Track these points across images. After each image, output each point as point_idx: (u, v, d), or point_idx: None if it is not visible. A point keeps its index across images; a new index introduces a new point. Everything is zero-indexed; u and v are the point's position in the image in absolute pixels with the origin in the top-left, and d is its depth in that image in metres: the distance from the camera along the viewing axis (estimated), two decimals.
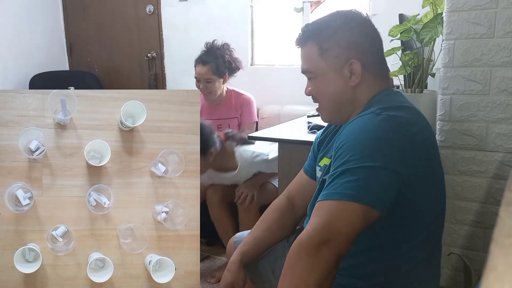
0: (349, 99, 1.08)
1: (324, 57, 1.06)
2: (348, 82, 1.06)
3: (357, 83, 1.06)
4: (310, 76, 1.11)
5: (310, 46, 1.08)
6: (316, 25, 1.10)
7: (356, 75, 1.05)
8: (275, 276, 1.21)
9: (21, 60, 3.44)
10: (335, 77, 1.07)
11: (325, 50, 1.06)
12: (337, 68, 1.06)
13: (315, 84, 1.11)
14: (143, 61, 3.48)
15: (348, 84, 1.06)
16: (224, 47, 2.52)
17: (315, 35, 1.08)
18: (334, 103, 1.10)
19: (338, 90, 1.07)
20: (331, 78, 1.07)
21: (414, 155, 0.96)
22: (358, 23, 1.08)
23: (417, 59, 1.50)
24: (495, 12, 1.28)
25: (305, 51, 1.10)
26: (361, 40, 1.07)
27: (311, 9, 2.86)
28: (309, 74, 1.11)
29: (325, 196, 0.93)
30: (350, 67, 1.05)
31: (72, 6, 3.70)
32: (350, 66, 1.05)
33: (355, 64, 1.04)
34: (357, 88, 1.07)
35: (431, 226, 1.06)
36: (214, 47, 2.51)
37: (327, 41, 1.06)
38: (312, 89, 1.12)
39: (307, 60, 1.10)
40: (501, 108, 1.32)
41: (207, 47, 2.53)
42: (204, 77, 2.45)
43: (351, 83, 1.06)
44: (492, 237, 0.46)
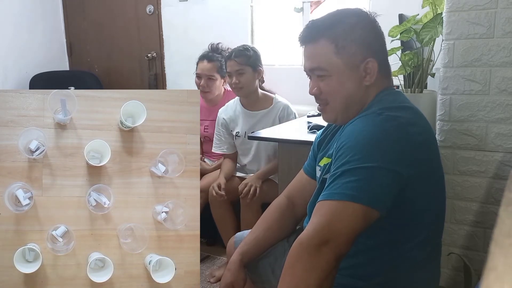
0: (360, 98, 1.06)
1: (340, 55, 1.03)
2: (362, 81, 1.04)
3: (371, 83, 1.04)
4: (322, 74, 1.06)
5: (324, 43, 1.04)
6: (328, 22, 1.06)
7: (371, 74, 1.04)
8: (275, 276, 1.21)
9: (21, 60, 3.44)
10: (351, 75, 1.04)
11: (341, 48, 1.03)
12: (353, 66, 1.04)
13: (328, 83, 1.06)
14: (143, 61, 3.48)
15: (362, 83, 1.05)
16: (228, 50, 2.56)
17: (330, 32, 1.04)
18: (345, 103, 1.06)
19: (352, 89, 1.05)
20: (346, 77, 1.04)
21: (414, 155, 0.96)
22: (369, 21, 1.07)
23: (417, 59, 1.50)
24: (495, 12, 1.28)
25: (317, 48, 1.05)
26: (375, 38, 1.06)
27: (311, 9, 2.86)
28: (321, 71, 1.06)
29: (325, 196, 0.93)
30: (366, 65, 1.03)
31: (72, 6, 3.69)
32: (366, 65, 1.03)
33: (372, 62, 1.03)
34: (369, 87, 1.05)
35: (431, 226, 1.06)
36: (219, 49, 2.57)
37: (343, 39, 1.03)
38: (324, 88, 1.06)
39: (320, 57, 1.05)
40: (501, 108, 1.32)
41: (212, 48, 2.56)
42: (207, 73, 2.46)
43: (366, 82, 1.04)
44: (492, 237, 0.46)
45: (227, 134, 2.36)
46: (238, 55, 2.22)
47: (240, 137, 2.32)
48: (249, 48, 2.26)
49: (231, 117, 2.34)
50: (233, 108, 2.35)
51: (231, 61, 2.23)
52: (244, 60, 2.21)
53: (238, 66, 2.21)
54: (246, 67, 2.21)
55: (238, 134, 2.33)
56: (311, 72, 1.09)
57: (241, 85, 2.22)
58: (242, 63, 2.21)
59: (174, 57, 3.38)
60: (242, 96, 2.30)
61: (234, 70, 2.22)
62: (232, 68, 2.22)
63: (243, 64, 2.21)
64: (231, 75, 2.23)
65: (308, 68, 1.09)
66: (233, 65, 2.22)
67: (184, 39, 3.26)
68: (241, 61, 2.20)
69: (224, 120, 2.35)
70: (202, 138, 2.60)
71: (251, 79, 2.24)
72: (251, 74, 2.23)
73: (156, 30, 3.39)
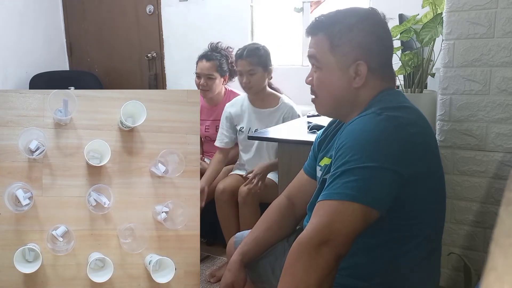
0: (350, 100, 1.07)
1: (334, 53, 1.05)
2: (352, 82, 1.05)
3: (360, 85, 1.05)
4: (315, 64, 1.10)
5: (321, 38, 1.07)
6: (330, 19, 1.08)
7: (360, 77, 1.05)
8: (275, 276, 1.21)
9: (21, 60, 3.44)
10: (341, 75, 1.06)
11: (335, 46, 1.05)
12: (344, 66, 1.05)
13: (319, 75, 1.09)
14: (143, 61, 3.49)
15: (351, 85, 1.06)
16: (228, 49, 2.58)
17: (328, 29, 1.06)
18: (334, 101, 1.09)
19: (340, 88, 1.06)
20: (336, 75, 1.06)
21: (414, 155, 0.96)
22: (371, 23, 1.07)
23: (417, 59, 1.50)
24: (495, 12, 1.28)
25: (316, 40, 1.09)
26: (372, 41, 1.06)
27: (311, 9, 2.86)
28: (315, 61, 1.09)
29: (325, 196, 0.93)
30: (356, 68, 1.04)
31: (72, 6, 3.70)
32: (357, 67, 1.04)
33: (362, 65, 1.04)
34: (360, 89, 1.06)
35: (431, 226, 1.06)
36: (218, 48, 2.57)
37: (339, 38, 1.05)
38: (315, 79, 1.10)
39: (317, 48, 1.08)
40: (501, 108, 1.32)
41: (212, 47, 2.56)
42: (206, 72, 2.46)
43: (355, 85, 1.05)
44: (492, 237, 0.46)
45: (230, 128, 2.36)
46: (250, 54, 2.19)
47: (243, 133, 2.33)
48: (260, 48, 2.24)
49: (237, 111, 2.35)
50: (240, 103, 2.36)
51: (242, 61, 2.20)
52: (255, 60, 2.19)
53: (250, 66, 2.18)
54: (257, 67, 2.19)
55: (242, 129, 2.33)
56: (309, 60, 1.13)
57: (252, 85, 2.22)
58: (253, 63, 2.18)
59: (174, 57, 3.38)
60: (251, 94, 2.30)
61: (245, 70, 2.19)
62: (244, 68, 2.20)
63: (255, 64, 2.19)
64: (242, 74, 2.21)
65: (308, 54, 1.13)
66: (245, 64, 2.19)
67: (184, 39, 3.26)
68: (252, 61, 2.18)
69: (230, 114, 2.36)
70: (202, 138, 2.60)
71: (261, 78, 2.23)
72: (261, 73, 2.22)
73: (156, 30, 3.39)
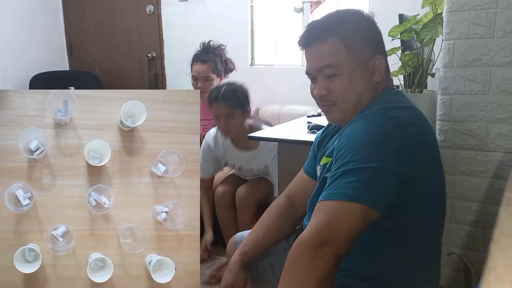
0: (372, 96, 1.06)
1: (351, 53, 1.03)
2: (372, 78, 1.05)
3: (380, 79, 1.05)
4: (332, 73, 1.04)
5: (333, 42, 1.03)
6: (334, 21, 1.07)
7: (379, 71, 1.05)
8: (275, 276, 1.21)
9: (21, 60, 3.44)
10: (361, 74, 1.04)
11: (351, 46, 1.03)
12: (363, 64, 1.04)
13: (339, 82, 1.04)
14: (143, 61, 3.48)
15: (372, 80, 1.05)
16: (220, 47, 2.55)
17: (338, 31, 1.04)
18: (356, 102, 1.05)
19: (363, 87, 1.05)
20: (358, 74, 1.04)
21: (414, 155, 0.96)
22: (369, 19, 1.09)
23: (417, 59, 1.50)
24: (495, 12, 1.28)
25: (325, 47, 1.04)
26: (378, 36, 1.08)
27: (311, 9, 2.86)
28: (331, 70, 1.03)
29: (325, 197, 0.93)
30: (374, 63, 1.04)
31: (72, 6, 3.69)
32: (374, 62, 1.04)
33: (380, 59, 1.04)
34: (379, 84, 1.06)
35: (431, 226, 1.06)
36: (211, 47, 2.53)
37: (352, 37, 1.03)
38: (334, 87, 1.04)
39: (330, 56, 1.03)
40: (501, 108, 1.32)
41: (203, 46, 2.54)
42: (203, 75, 2.45)
43: (376, 79, 1.05)
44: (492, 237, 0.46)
45: (211, 160, 2.23)
46: (227, 97, 2.01)
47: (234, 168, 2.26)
48: (237, 89, 2.06)
49: (219, 148, 2.21)
50: (221, 141, 2.20)
51: (218, 104, 2.02)
52: (232, 103, 2.02)
53: (227, 110, 2.01)
54: (235, 110, 2.02)
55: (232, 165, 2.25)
56: (318, 73, 1.06)
57: (230, 128, 2.05)
58: (230, 107, 2.01)
59: (174, 57, 3.38)
60: (231, 137, 2.14)
61: (222, 114, 2.02)
62: (220, 112, 2.02)
63: (232, 107, 2.01)
64: (219, 117, 2.04)
65: (316, 69, 1.06)
66: (221, 108, 2.02)
67: (184, 39, 3.26)
68: (229, 104, 2.01)
69: (210, 147, 2.22)
70: (201, 138, 2.60)
71: (240, 121, 2.05)
72: (240, 116, 2.04)
73: (156, 30, 3.39)
